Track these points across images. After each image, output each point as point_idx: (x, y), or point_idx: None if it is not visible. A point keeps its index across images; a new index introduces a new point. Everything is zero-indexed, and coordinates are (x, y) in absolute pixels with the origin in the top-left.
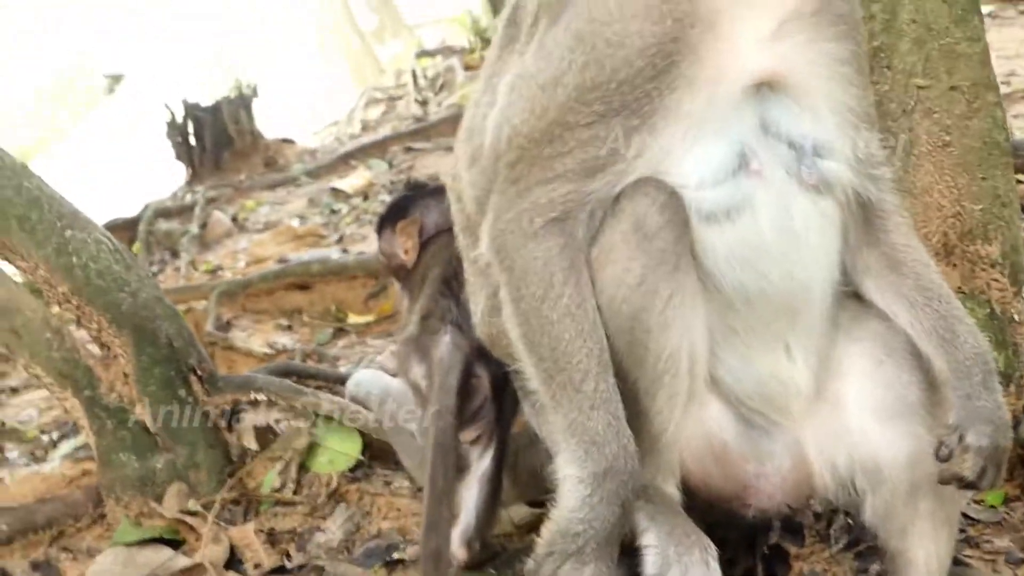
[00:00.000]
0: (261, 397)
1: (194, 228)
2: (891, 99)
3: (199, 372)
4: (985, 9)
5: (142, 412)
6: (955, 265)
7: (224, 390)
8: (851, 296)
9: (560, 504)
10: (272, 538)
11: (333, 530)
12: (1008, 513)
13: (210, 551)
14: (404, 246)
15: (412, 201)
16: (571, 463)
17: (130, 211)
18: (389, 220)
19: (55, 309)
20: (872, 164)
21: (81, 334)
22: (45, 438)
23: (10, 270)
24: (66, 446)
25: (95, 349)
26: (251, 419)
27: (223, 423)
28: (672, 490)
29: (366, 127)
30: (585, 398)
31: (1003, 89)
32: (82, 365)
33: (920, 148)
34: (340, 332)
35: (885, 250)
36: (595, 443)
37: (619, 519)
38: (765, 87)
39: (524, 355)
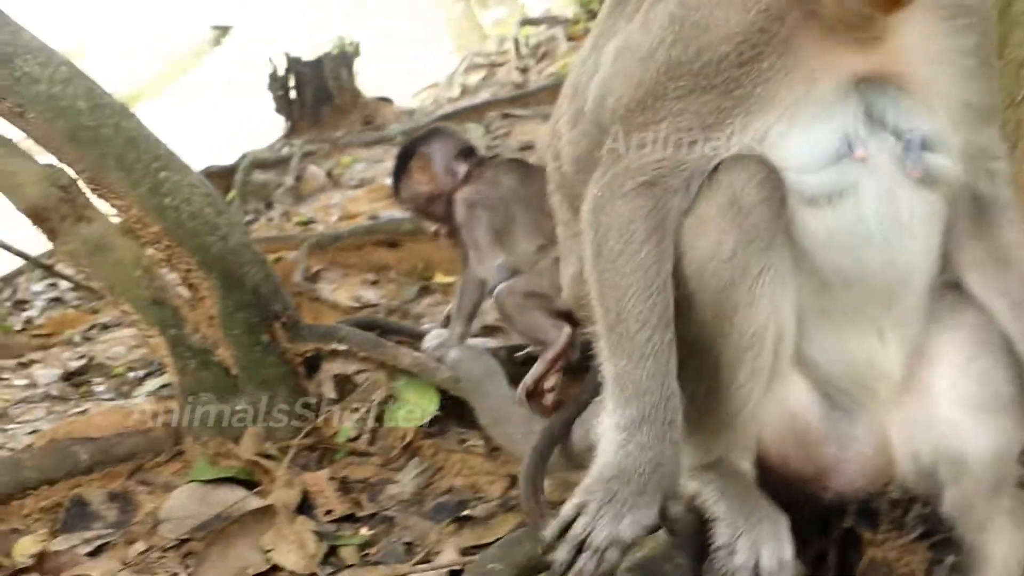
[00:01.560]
0: (342, 348)
1: (289, 180)
2: (1000, 89)
3: (283, 319)
4: None
5: (225, 354)
6: None
7: (307, 338)
8: (950, 285)
9: (597, 455)
10: (345, 486)
11: (405, 483)
12: None
13: (283, 494)
14: (421, 180)
15: (410, 147)
16: (612, 412)
17: (229, 160)
18: (400, 171)
19: (148, 250)
20: (988, 158)
21: (171, 275)
22: (132, 375)
23: (106, 209)
24: (151, 384)
25: (183, 290)
26: (331, 368)
27: (303, 371)
28: (746, 466)
29: (465, 91)
30: (637, 347)
31: None
32: (169, 305)
33: None
34: (425, 290)
35: (993, 245)
36: (637, 391)
37: (655, 469)
38: (874, 79)
39: (594, 308)
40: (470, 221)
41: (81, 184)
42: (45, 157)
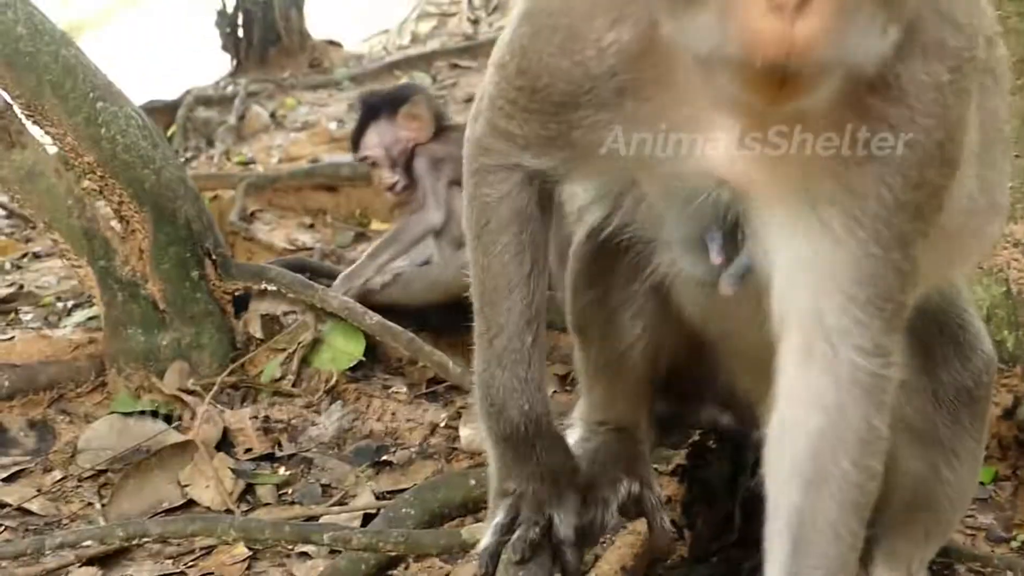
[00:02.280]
0: (272, 288)
1: (232, 119)
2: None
3: (214, 256)
4: None
5: (153, 288)
6: None
7: (236, 277)
8: None
9: (488, 462)
10: (266, 426)
11: (326, 426)
12: (996, 492)
13: (203, 430)
14: (408, 126)
15: (402, 93)
16: (482, 423)
17: (172, 96)
18: (379, 114)
19: (82, 180)
20: (842, 335)
21: (103, 207)
22: (60, 305)
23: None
24: (79, 315)
25: (115, 222)
26: (260, 308)
27: (231, 309)
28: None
29: (415, 39)
30: (494, 354)
31: None
32: (100, 236)
33: None
34: (361, 236)
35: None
36: (494, 405)
37: (546, 471)
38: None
39: (471, 281)
40: (433, 174)
41: (16, 110)
42: None
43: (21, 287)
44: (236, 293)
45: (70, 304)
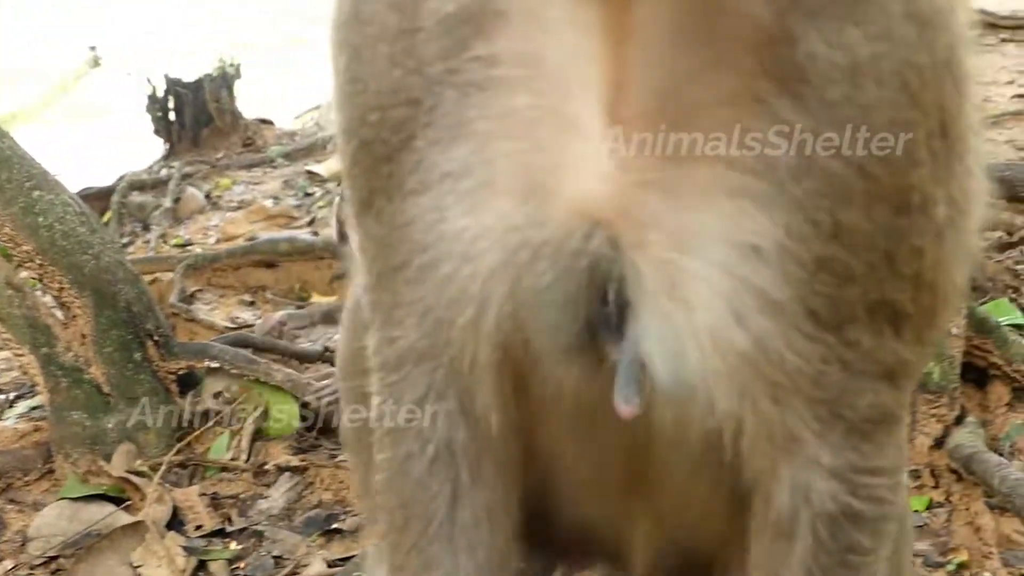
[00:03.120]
0: (215, 365)
1: (167, 202)
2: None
3: (156, 337)
4: None
5: (97, 372)
6: None
7: (179, 356)
8: None
9: None
10: (215, 502)
11: (276, 498)
12: (931, 518)
13: (153, 510)
14: None
15: None
16: None
17: (106, 182)
18: None
19: (21, 271)
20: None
21: (42, 294)
22: (1, 397)
23: None
24: (21, 406)
25: (55, 309)
26: (204, 386)
27: (176, 388)
28: None
29: None
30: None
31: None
32: (41, 323)
33: None
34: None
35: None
36: None
37: None
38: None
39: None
40: None
41: None
42: None
43: None
44: (180, 372)
45: (12, 396)
